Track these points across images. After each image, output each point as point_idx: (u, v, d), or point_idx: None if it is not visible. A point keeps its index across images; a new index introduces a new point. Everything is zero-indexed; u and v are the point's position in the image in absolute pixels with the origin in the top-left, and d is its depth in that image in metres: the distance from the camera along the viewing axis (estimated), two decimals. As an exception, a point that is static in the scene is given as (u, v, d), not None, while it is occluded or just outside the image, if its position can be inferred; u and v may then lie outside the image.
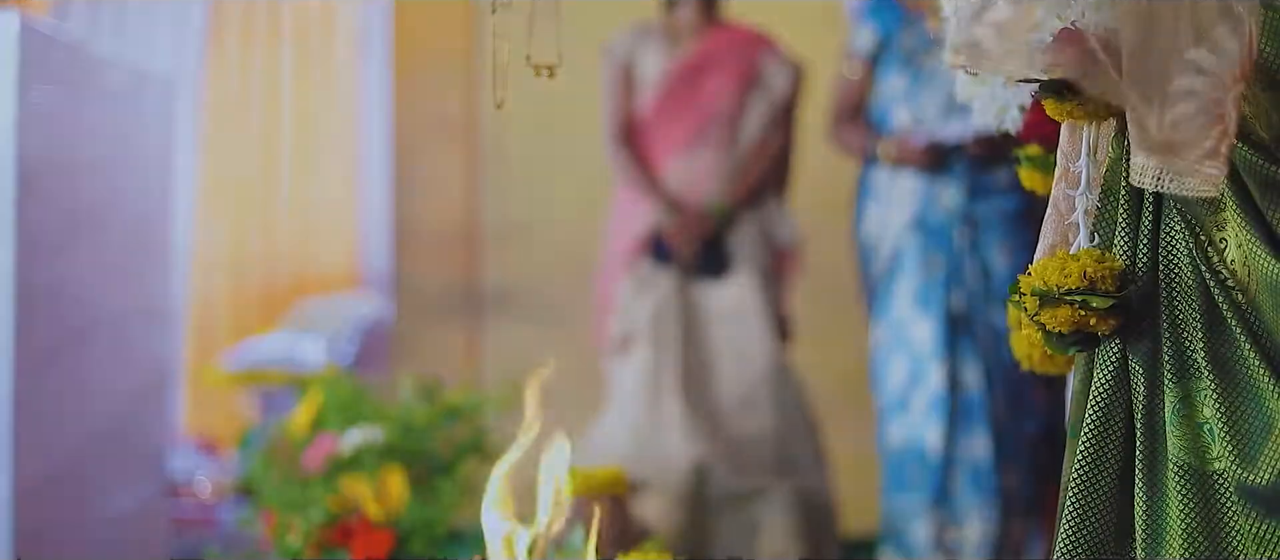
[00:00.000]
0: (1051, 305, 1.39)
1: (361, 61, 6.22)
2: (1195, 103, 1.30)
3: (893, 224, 3.81)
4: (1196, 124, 1.30)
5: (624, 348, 4.06)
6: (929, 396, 3.69)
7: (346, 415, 3.28)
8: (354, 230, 6.29)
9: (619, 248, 4.14)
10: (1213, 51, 1.30)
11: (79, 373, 3.46)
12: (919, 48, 3.81)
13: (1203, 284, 1.35)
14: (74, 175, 3.51)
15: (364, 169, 6.25)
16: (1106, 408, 1.42)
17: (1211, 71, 1.30)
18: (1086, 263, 1.39)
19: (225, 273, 6.19)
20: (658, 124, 4.09)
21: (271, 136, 6.25)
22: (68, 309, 3.41)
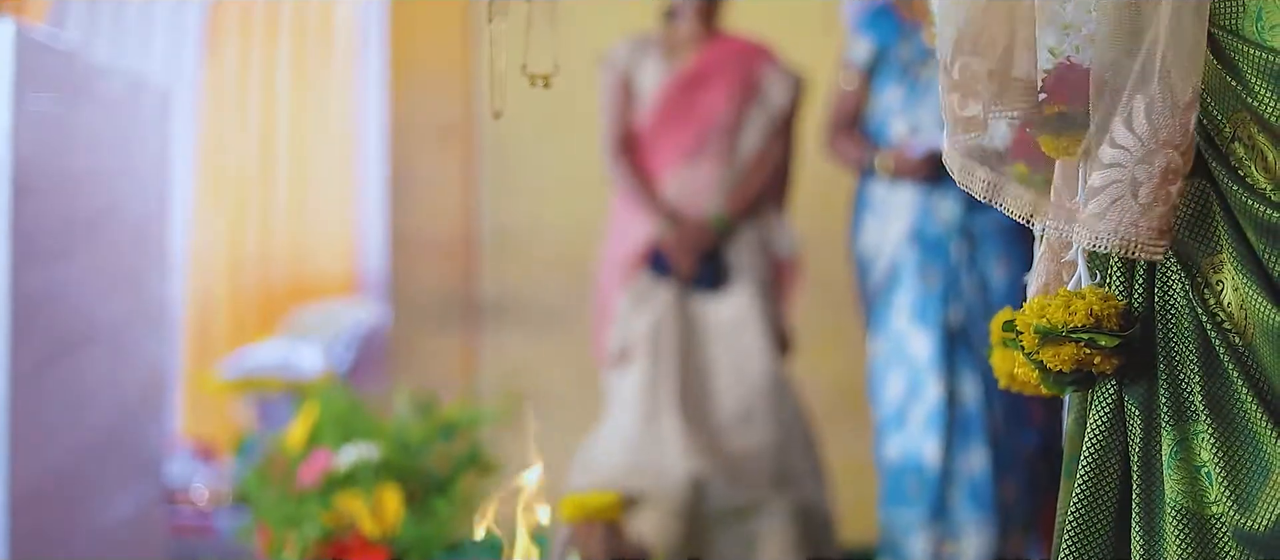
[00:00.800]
0: (1054, 343, 1.38)
1: (358, 67, 6.23)
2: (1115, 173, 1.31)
3: (890, 237, 3.81)
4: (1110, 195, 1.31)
5: (622, 360, 4.05)
6: (927, 410, 3.69)
7: (342, 430, 3.27)
8: (351, 236, 6.29)
9: (617, 260, 4.12)
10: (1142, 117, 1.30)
11: (76, 379, 3.46)
12: (916, 59, 3.80)
13: (1199, 326, 1.34)
14: (70, 182, 3.51)
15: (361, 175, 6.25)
16: (1103, 449, 1.42)
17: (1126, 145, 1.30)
18: (1092, 301, 1.38)
19: (223, 277, 6.19)
20: (657, 136, 4.07)
21: (268, 142, 6.25)
22: (64, 316, 3.41)
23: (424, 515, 3.15)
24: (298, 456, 3.29)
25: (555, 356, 4.93)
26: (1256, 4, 1.31)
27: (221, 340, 6.12)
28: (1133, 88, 1.30)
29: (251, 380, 5.20)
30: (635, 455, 3.95)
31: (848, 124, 3.94)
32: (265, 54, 6.24)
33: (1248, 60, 1.31)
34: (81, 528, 3.48)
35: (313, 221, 6.25)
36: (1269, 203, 1.31)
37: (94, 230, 3.68)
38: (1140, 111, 1.30)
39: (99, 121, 3.75)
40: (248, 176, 6.22)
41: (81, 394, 3.52)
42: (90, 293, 3.63)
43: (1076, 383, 1.43)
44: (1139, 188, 1.30)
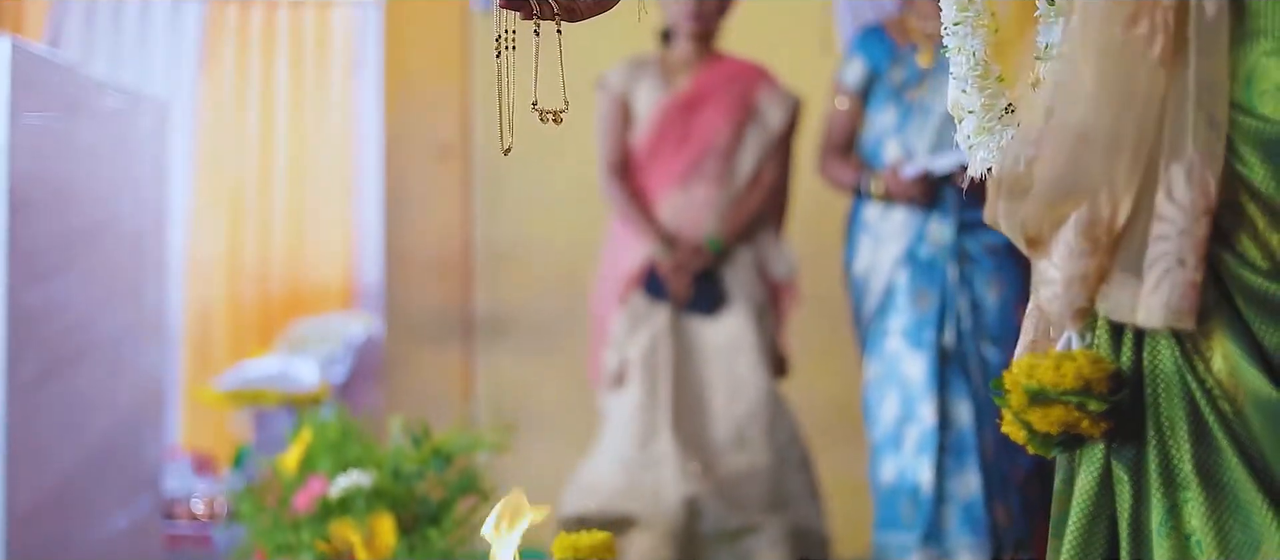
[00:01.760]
0: (1043, 404, 1.38)
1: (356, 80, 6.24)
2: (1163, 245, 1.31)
3: (884, 260, 3.80)
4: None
5: (617, 382, 4.05)
6: (920, 433, 3.68)
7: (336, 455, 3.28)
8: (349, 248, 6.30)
9: (613, 281, 4.11)
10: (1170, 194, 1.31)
11: (73, 393, 3.47)
12: (909, 82, 3.80)
13: (1189, 392, 1.33)
14: (68, 196, 3.52)
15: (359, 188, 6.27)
16: (1091, 513, 1.41)
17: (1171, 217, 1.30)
18: (1082, 363, 1.37)
19: (222, 288, 6.20)
20: (654, 158, 4.07)
21: (266, 153, 6.26)
22: (62, 330, 3.42)
23: (418, 543, 3.15)
24: (292, 482, 3.29)
25: (550, 374, 4.94)
26: (1246, 70, 1.30)
27: (220, 351, 6.14)
28: (1168, 156, 1.30)
29: (248, 393, 5.21)
30: (630, 477, 3.95)
31: (841, 146, 3.94)
32: (263, 66, 6.25)
33: (1238, 127, 1.30)
34: (79, 541, 3.49)
35: (310, 233, 6.27)
36: (1258, 271, 1.30)
37: (91, 244, 3.69)
38: (1180, 180, 1.29)
39: (96, 135, 3.76)
40: (245, 188, 6.23)
41: (79, 407, 3.53)
42: (88, 306, 3.64)
43: (1064, 445, 1.43)
44: (1186, 259, 1.30)
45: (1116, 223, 1.34)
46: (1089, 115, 1.33)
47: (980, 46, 1.66)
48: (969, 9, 1.67)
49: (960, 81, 1.67)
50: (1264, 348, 1.30)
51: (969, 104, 1.66)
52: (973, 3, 1.67)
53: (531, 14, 1.57)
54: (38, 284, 3.28)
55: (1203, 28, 1.29)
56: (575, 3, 1.59)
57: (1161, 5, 1.31)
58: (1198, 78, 1.29)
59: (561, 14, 1.58)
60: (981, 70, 1.65)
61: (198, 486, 5.08)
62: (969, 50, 1.66)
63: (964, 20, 1.67)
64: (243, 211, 6.23)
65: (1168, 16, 1.30)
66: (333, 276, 6.31)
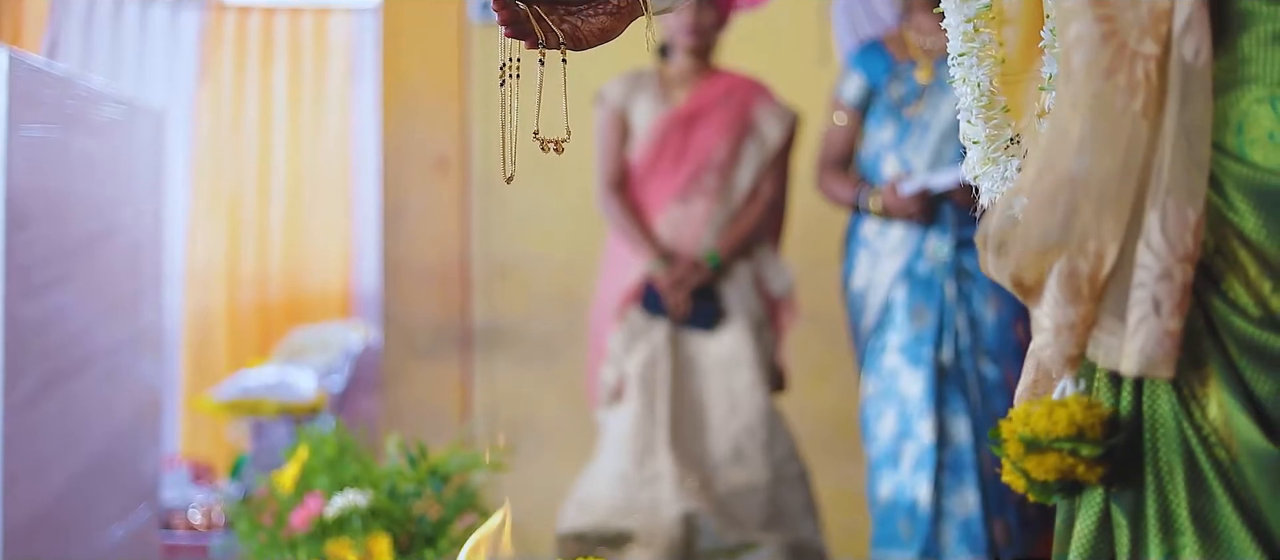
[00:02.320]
0: (1038, 452, 1.38)
1: (355, 87, 6.25)
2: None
3: (882, 276, 3.79)
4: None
5: (615, 398, 4.04)
6: (918, 450, 3.67)
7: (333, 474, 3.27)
8: (347, 254, 6.31)
9: (610, 297, 4.10)
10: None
11: (71, 405, 3.46)
12: (907, 98, 3.79)
13: (1185, 438, 1.33)
14: (65, 209, 3.51)
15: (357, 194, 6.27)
16: (1090, 557, 1.41)
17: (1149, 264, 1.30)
18: (1075, 410, 1.37)
19: (221, 295, 6.20)
20: (652, 172, 4.05)
21: (265, 160, 6.27)
22: (59, 343, 3.41)
23: (415, 564, 3.15)
24: (288, 500, 3.28)
25: (548, 387, 4.93)
26: (1238, 116, 1.30)
27: (219, 358, 6.14)
28: (1150, 204, 1.30)
29: (246, 403, 5.22)
30: (628, 494, 3.94)
31: (839, 161, 3.93)
32: (261, 73, 6.25)
33: (1228, 174, 1.30)
34: (76, 553, 3.48)
35: (309, 240, 6.28)
36: (1250, 319, 1.29)
37: (89, 255, 3.68)
38: (1156, 228, 1.29)
39: (94, 146, 3.75)
40: (244, 195, 6.23)
41: (77, 419, 3.52)
42: (85, 318, 3.63)
43: (1063, 491, 1.43)
44: (1161, 306, 1.29)
45: (1101, 272, 1.34)
46: (1073, 167, 1.33)
47: (986, 77, 1.65)
48: (975, 39, 1.66)
49: (966, 112, 1.67)
50: (1256, 397, 1.29)
51: (974, 134, 1.66)
52: (979, 33, 1.67)
53: (536, 43, 1.57)
54: (35, 297, 3.27)
55: (1185, 75, 1.29)
56: (580, 31, 1.60)
57: (1142, 56, 1.30)
58: (1179, 125, 1.29)
59: (567, 42, 1.59)
60: (987, 101, 1.65)
61: (195, 496, 5.08)
62: (974, 81, 1.65)
63: (970, 50, 1.66)
64: (241, 219, 6.24)
65: (1150, 67, 1.30)
66: (331, 284, 6.32)
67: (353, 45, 6.31)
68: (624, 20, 1.62)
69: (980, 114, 1.65)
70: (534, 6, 1.57)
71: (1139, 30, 1.30)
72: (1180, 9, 1.29)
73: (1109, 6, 1.31)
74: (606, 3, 1.61)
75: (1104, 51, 1.31)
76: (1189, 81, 1.29)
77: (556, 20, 1.58)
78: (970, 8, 1.66)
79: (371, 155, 5.87)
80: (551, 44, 1.58)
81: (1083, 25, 1.32)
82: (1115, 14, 1.31)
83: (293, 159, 6.29)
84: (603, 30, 1.61)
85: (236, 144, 6.24)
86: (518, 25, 1.56)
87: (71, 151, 3.58)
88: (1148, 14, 1.30)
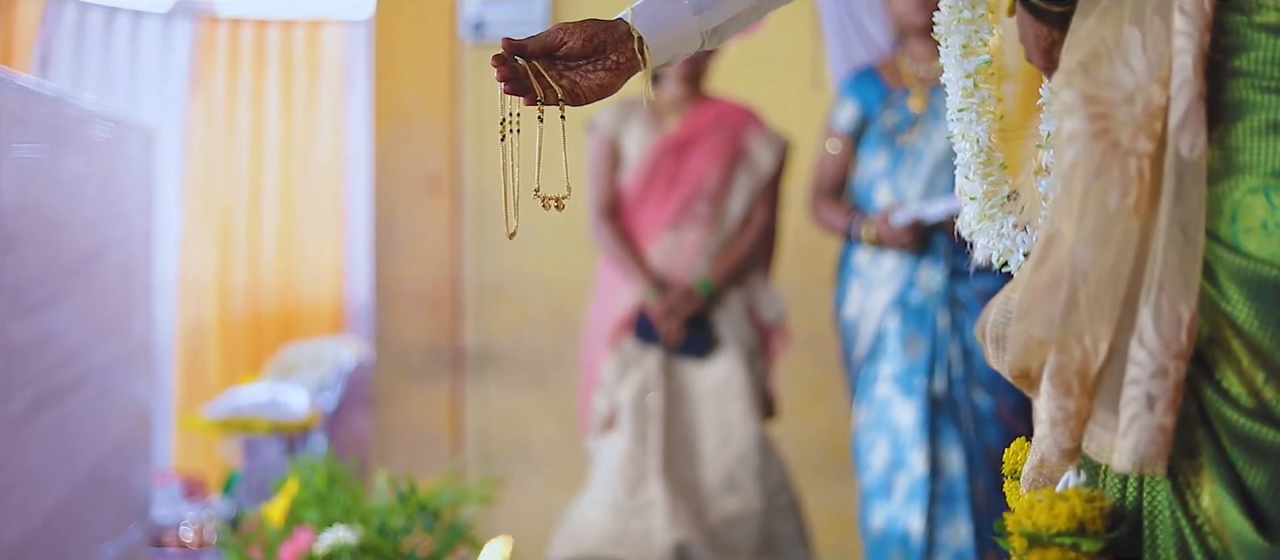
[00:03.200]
0: (1040, 546, 1.38)
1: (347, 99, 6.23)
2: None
3: (875, 305, 3.77)
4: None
5: (607, 426, 4.02)
6: (911, 481, 3.65)
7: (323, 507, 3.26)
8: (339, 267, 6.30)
9: (603, 325, 4.07)
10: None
11: (62, 425, 3.45)
12: (901, 126, 3.77)
13: (1179, 529, 1.33)
14: (56, 229, 3.50)
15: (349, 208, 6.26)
16: None
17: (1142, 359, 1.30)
18: (1076, 503, 1.37)
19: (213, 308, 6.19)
20: (644, 200, 4.02)
21: (257, 172, 6.25)
22: (51, 363, 3.39)
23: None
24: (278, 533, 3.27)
25: (540, 409, 4.92)
26: (1232, 206, 1.28)
27: (212, 372, 6.13)
28: (1144, 299, 1.29)
29: (238, 421, 5.20)
30: (620, 524, 3.92)
31: (832, 189, 3.91)
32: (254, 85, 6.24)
33: (1222, 264, 1.29)
34: (67, 572, 3.47)
35: (301, 254, 6.27)
36: (1242, 410, 1.29)
37: (80, 275, 3.67)
38: (1149, 324, 1.29)
39: (84, 165, 3.74)
40: (236, 208, 6.22)
41: (68, 439, 3.51)
42: (77, 338, 3.62)
43: None
44: (1155, 403, 1.29)
45: (1092, 367, 1.34)
46: (1065, 263, 1.33)
47: (984, 133, 1.65)
48: (974, 95, 1.67)
49: (963, 168, 1.67)
50: (1248, 488, 1.28)
51: (971, 190, 1.66)
52: (978, 88, 1.67)
53: (535, 100, 1.57)
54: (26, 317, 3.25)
55: (1180, 169, 1.28)
56: (579, 87, 1.60)
57: (1136, 153, 1.30)
58: (1174, 219, 1.29)
59: (565, 98, 1.59)
60: (985, 157, 1.65)
61: (187, 513, 5.06)
62: (973, 137, 1.65)
63: (969, 106, 1.66)
64: (234, 230, 6.23)
65: (1143, 164, 1.30)
66: (324, 297, 6.31)
67: (345, 57, 6.29)
68: (623, 76, 1.63)
69: (978, 170, 1.65)
70: (533, 63, 1.57)
71: (1133, 127, 1.30)
72: (1176, 104, 1.29)
73: (1103, 104, 1.31)
74: (605, 59, 1.61)
75: (1096, 149, 1.30)
76: (1184, 175, 1.28)
77: (555, 76, 1.59)
78: (970, 63, 1.66)
79: (364, 167, 5.86)
80: (550, 100, 1.58)
81: (1075, 122, 1.32)
82: (1109, 111, 1.31)
83: (285, 171, 6.28)
84: (601, 86, 1.61)
85: (229, 156, 6.23)
86: (517, 81, 1.56)
87: (62, 171, 3.57)
88: (1142, 110, 1.30)
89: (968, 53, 1.66)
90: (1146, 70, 1.30)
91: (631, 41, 1.62)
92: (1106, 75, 1.31)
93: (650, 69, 1.63)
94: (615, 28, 1.61)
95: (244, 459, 5.23)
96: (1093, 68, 1.32)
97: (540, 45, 1.58)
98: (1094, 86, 1.31)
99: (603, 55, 1.61)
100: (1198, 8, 1.29)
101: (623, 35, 1.62)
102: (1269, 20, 1.28)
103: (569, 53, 1.59)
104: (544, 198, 1.60)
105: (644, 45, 1.63)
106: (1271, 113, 1.28)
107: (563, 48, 1.59)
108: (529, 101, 1.57)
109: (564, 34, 1.59)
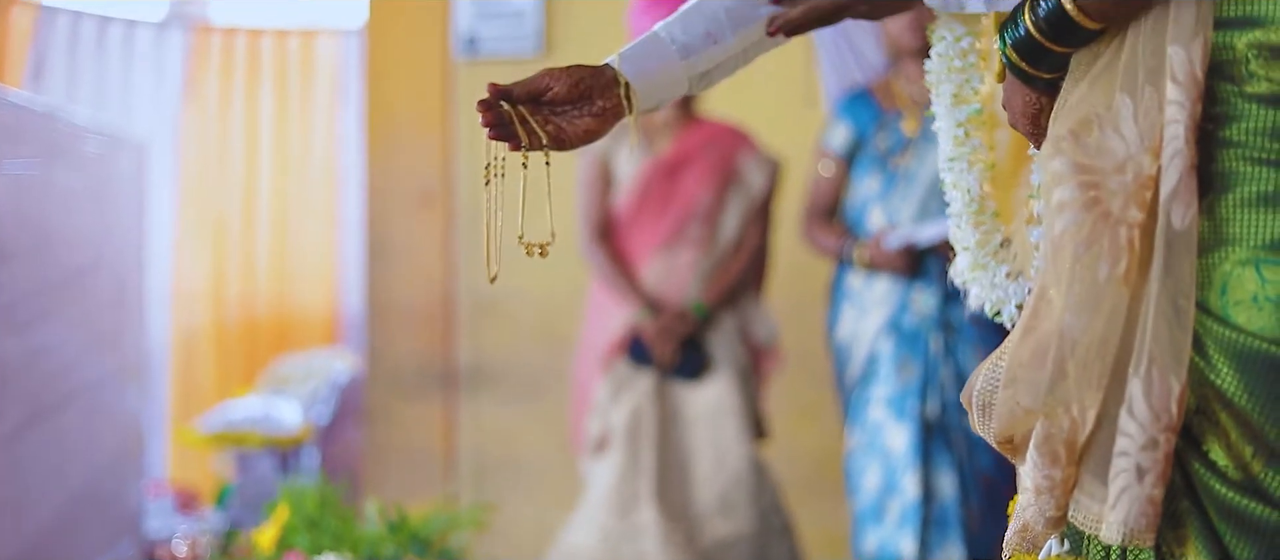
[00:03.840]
0: None
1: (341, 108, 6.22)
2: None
3: (867, 328, 3.75)
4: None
5: (600, 448, 4.00)
6: (903, 505, 3.64)
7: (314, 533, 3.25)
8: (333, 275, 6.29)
9: (596, 347, 4.04)
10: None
11: (54, 441, 3.44)
12: (894, 149, 3.76)
13: None
14: (48, 244, 3.49)
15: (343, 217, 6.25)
16: None
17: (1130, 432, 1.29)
18: None
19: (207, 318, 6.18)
20: (636, 221, 3.99)
21: (251, 180, 6.24)
22: (43, 379, 3.39)
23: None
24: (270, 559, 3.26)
25: (533, 423, 4.90)
26: (1221, 278, 1.28)
27: (206, 381, 6.12)
28: (1133, 370, 1.28)
29: (231, 435, 5.20)
30: (612, 548, 3.90)
31: (825, 211, 3.89)
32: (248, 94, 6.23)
33: (1211, 335, 1.28)
34: (59, 589, 3.46)
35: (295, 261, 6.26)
36: (1230, 484, 1.28)
37: (72, 290, 3.66)
38: (1139, 396, 1.28)
39: (76, 180, 3.73)
40: (229, 216, 6.21)
41: (60, 455, 3.50)
42: (69, 353, 3.61)
43: None
44: (1145, 475, 1.28)
45: (1079, 436, 1.33)
46: (1053, 332, 1.32)
47: (976, 183, 1.65)
48: (965, 144, 1.66)
49: (956, 217, 1.66)
50: None
51: (964, 240, 1.65)
52: (970, 137, 1.66)
53: (520, 146, 1.56)
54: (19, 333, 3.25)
55: (1171, 239, 1.28)
56: (565, 133, 1.59)
57: (1127, 222, 1.29)
58: (1164, 290, 1.28)
59: (551, 144, 1.58)
60: (977, 206, 1.64)
61: (180, 526, 5.04)
62: (964, 186, 1.64)
63: (960, 155, 1.65)
64: (227, 240, 6.21)
65: (1133, 234, 1.29)
66: (318, 306, 6.30)
67: (339, 66, 6.29)
68: (609, 122, 1.62)
69: (970, 219, 1.64)
70: (519, 108, 1.56)
71: (1124, 196, 1.29)
72: (1168, 174, 1.28)
73: (1094, 173, 1.30)
74: (592, 104, 1.60)
75: (1086, 219, 1.30)
76: (1174, 246, 1.28)
77: (541, 121, 1.58)
78: (961, 112, 1.65)
79: (358, 175, 5.84)
80: (535, 146, 1.57)
81: (1066, 191, 1.31)
82: (1100, 180, 1.30)
83: (279, 179, 6.27)
84: (588, 132, 1.61)
85: (222, 165, 6.22)
86: (502, 127, 1.56)
87: (54, 186, 3.56)
88: (1133, 180, 1.29)
89: (959, 101, 1.65)
90: (1138, 139, 1.29)
91: (618, 87, 1.61)
92: (1097, 143, 1.30)
93: (637, 114, 1.62)
94: (602, 73, 1.61)
95: (237, 473, 5.22)
96: (1083, 135, 1.31)
97: (526, 91, 1.57)
98: (1085, 155, 1.30)
99: (589, 101, 1.60)
100: (1190, 77, 1.28)
101: (609, 81, 1.61)
102: (1259, 90, 1.28)
103: (555, 98, 1.59)
104: (527, 245, 1.60)
105: (631, 91, 1.62)
106: (1261, 184, 1.27)
107: (549, 93, 1.59)
108: (514, 147, 1.56)
109: (550, 79, 1.58)
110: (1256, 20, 1.28)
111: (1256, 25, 1.28)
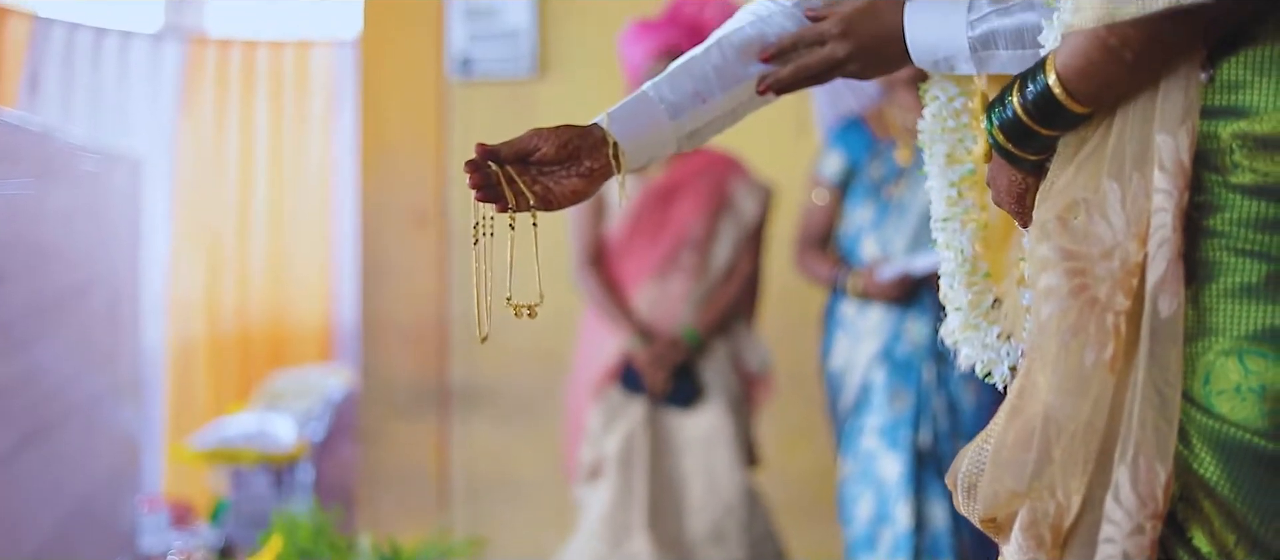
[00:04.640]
0: None
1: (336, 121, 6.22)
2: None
3: (860, 357, 3.74)
4: None
5: (593, 476, 3.99)
6: (896, 535, 3.63)
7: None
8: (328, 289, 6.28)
9: (588, 375, 4.03)
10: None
11: (50, 459, 3.45)
12: (887, 178, 3.75)
13: None
14: (43, 263, 3.49)
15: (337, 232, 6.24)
16: None
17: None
18: None
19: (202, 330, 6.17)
20: (628, 248, 3.98)
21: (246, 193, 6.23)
22: (39, 398, 3.39)
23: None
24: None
25: (527, 445, 4.89)
26: (1205, 366, 1.28)
27: (201, 395, 6.11)
28: (1119, 457, 1.28)
29: (226, 452, 5.19)
30: (603, 574, 3.89)
31: (819, 240, 3.88)
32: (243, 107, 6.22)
33: (1194, 424, 1.28)
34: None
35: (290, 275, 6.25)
36: None
37: (67, 309, 3.66)
38: (1126, 484, 1.28)
39: (71, 199, 3.73)
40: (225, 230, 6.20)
41: (56, 473, 3.51)
42: (65, 372, 3.61)
43: None
44: None
45: (1064, 520, 1.33)
46: (1039, 416, 1.32)
47: (968, 243, 1.64)
48: (958, 204, 1.65)
49: (948, 277, 1.65)
50: None
51: (955, 300, 1.65)
52: (962, 198, 1.66)
53: (507, 207, 1.56)
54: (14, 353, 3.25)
55: (1156, 327, 1.28)
56: (552, 193, 1.59)
57: (1113, 309, 1.29)
58: (1149, 379, 1.28)
59: (538, 204, 1.58)
60: (969, 267, 1.64)
61: (175, 542, 5.03)
62: (957, 246, 1.64)
63: (953, 215, 1.65)
64: (222, 253, 6.21)
65: (1119, 322, 1.29)
66: (312, 320, 6.30)
67: (334, 78, 6.28)
68: (597, 182, 1.62)
69: (962, 280, 1.64)
70: (506, 169, 1.56)
71: (1111, 283, 1.29)
72: (1155, 262, 1.28)
73: (1081, 259, 1.30)
74: (580, 164, 1.60)
75: (1073, 306, 1.30)
76: (1160, 333, 1.28)
77: (528, 182, 1.58)
78: (954, 172, 1.65)
79: (352, 190, 5.83)
80: (521, 207, 1.57)
81: (1053, 278, 1.31)
82: (1087, 267, 1.30)
83: (274, 191, 6.26)
84: (575, 192, 1.61)
85: (218, 176, 6.21)
86: (489, 188, 1.55)
87: (49, 205, 3.56)
88: (1120, 266, 1.29)
89: (952, 161, 1.65)
90: (1125, 226, 1.29)
91: (607, 147, 1.61)
92: (1084, 229, 1.30)
93: (625, 174, 1.62)
94: (590, 133, 1.60)
95: (232, 489, 5.21)
96: (1070, 220, 1.31)
97: (514, 151, 1.57)
98: (1072, 241, 1.30)
99: (577, 161, 1.60)
100: (1177, 165, 1.28)
101: (597, 141, 1.60)
102: (1244, 181, 1.27)
103: (543, 158, 1.59)
104: (516, 306, 1.59)
105: (619, 151, 1.61)
106: (1244, 275, 1.27)
107: (536, 154, 1.58)
108: (501, 209, 1.56)
109: (538, 140, 1.58)
110: (1241, 111, 1.27)
111: (1241, 116, 1.27)
